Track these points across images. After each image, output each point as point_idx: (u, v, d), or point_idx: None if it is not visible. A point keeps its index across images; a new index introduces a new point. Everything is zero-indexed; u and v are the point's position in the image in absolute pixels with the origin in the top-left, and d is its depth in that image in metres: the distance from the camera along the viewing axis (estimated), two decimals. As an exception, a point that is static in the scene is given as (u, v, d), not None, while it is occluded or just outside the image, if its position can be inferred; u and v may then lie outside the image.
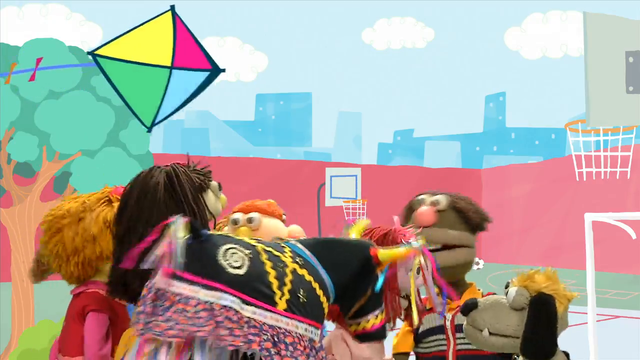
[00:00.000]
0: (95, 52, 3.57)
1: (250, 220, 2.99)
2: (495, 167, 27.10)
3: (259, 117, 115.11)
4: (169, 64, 3.51)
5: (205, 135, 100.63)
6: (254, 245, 2.28)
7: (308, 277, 2.31)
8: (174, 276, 2.12)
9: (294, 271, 2.28)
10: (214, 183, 2.70)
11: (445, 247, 3.26)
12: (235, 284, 2.16)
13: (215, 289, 2.13)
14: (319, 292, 2.32)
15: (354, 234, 2.63)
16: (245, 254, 2.22)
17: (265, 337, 2.12)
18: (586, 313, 5.35)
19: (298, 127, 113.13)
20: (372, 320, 2.46)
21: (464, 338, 3.14)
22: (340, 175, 15.50)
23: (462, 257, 3.27)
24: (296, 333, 2.19)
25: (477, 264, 5.40)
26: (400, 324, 3.20)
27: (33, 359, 4.48)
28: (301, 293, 2.26)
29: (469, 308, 2.66)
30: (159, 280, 2.13)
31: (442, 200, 3.34)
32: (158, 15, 3.53)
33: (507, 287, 2.68)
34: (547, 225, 21.17)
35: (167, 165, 2.64)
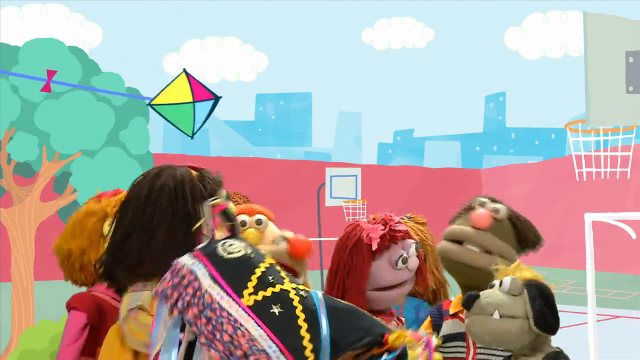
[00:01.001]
0: (152, 104, 5.72)
1: (259, 222, 3.00)
2: (495, 167, 27.10)
3: (259, 117, 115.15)
4: (191, 100, 5.69)
5: (205, 135, 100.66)
6: (268, 258, 2.24)
7: (297, 304, 2.18)
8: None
9: (284, 291, 2.19)
10: (223, 192, 2.70)
11: (487, 253, 3.26)
12: (216, 263, 2.15)
13: (197, 258, 2.14)
14: (303, 325, 2.17)
15: None
16: (248, 250, 2.21)
17: (206, 313, 2.07)
18: (586, 313, 5.35)
19: (298, 127, 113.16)
20: None
21: (484, 348, 3.15)
22: (340, 175, 15.50)
23: (499, 267, 3.27)
24: (249, 334, 2.08)
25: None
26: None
27: (33, 359, 4.47)
28: (277, 307, 2.16)
29: (472, 298, 2.69)
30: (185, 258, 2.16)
31: (502, 210, 3.34)
32: (176, 77, 5.73)
33: (491, 287, 2.74)
34: (547, 225, 21.15)
35: (180, 166, 2.67)
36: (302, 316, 2.17)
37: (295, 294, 2.20)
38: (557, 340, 2.73)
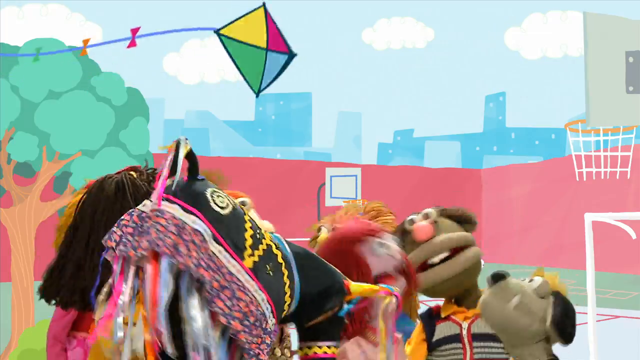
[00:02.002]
0: (220, 32, 4.71)
1: (243, 204, 3.03)
2: (495, 167, 27.10)
3: (259, 117, 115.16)
4: (265, 47, 4.73)
5: (205, 135, 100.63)
6: (242, 209, 2.25)
7: (280, 261, 2.26)
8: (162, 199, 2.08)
9: (269, 246, 2.24)
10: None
11: (453, 252, 3.25)
12: (212, 220, 2.11)
13: (193, 213, 2.08)
14: (286, 281, 2.26)
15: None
16: (232, 202, 2.20)
17: (218, 277, 2.05)
18: (586, 313, 5.35)
19: (298, 127, 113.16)
20: (324, 349, 2.38)
21: (481, 347, 3.14)
22: (340, 175, 15.50)
23: (472, 255, 3.27)
24: (252, 295, 2.11)
25: (477, 263, 5.41)
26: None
27: (33, 359, 4.48)
28: (270, 267, 2.20)
29: (499, 276, 2.64)
30: (148, 204, 2.07)
31: (432, 212, 3.35)
32: (253, 10, 4.77)
33: (523, 279, 2.72)
34: (547, 225, 21.17)
35: (117, 174, 2.67)
36: (285, 273, 2.24)
37: (276, 249, 2.25)
38: (557, 340, 2.73)
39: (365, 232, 2.63)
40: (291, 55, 4.84)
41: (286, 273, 2.25)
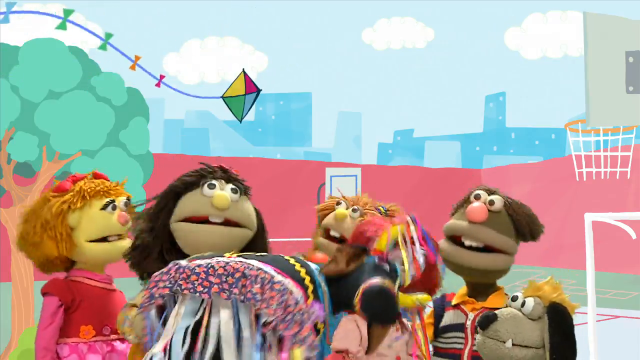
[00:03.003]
0: (224, 97, 7.18)
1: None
2: (495, 167, 27.09)
3: (259, 117, 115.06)
4: (243, 93, 7.08)
5: (205, 135, 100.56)
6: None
7: (303, 275, 2.38)
8: None
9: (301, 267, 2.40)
10: (203, 181, 3.10)
11: (487, 248, 3.22)
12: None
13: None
14: (292, 262, 2.37)
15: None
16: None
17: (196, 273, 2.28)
18: (586, 313, 5.35)
19: (298, 127, 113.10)
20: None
21: None
22: (340, 175, 15.49)
23: (500, 263, 3.23)
24: (247, 266, 2.24)
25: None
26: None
27: (33, 359, 4.47)
28: (257, 254, 2.38)
29: (489, 320, 2.62)
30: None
31: (498, 201, 3.29)
32: (238, 76, 7.20)
33: (514, 299, 2.66)
34: (547, 225, 21.10)
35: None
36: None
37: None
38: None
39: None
40: (258, 91, 7.14)
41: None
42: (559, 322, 2.57)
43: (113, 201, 3.48)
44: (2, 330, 9.10)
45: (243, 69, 7.24)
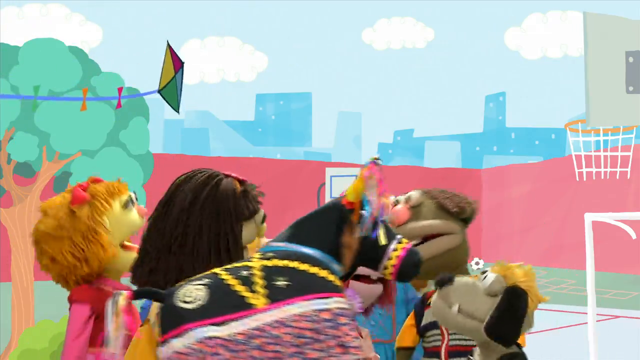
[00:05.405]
0: (160, 90, 6.06)
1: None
2: (495, 167, 27.09)
3: (259, 117, 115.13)
4: (174, 73, 5.98)
5: (205, 135, 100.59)
6: (212, 272, 2.29)
7: (282, 263, 2.29)
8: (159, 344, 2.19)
9: (263, 267, 2.27)
10: (260, 213, 2.70)
11: (426, 239, 3.23)
12: (198, 315, 2.15)
13: (185, 332, 2.14)
14: (305, 266, 2.29)
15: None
16: (199, 286, 2.23)
17: (253, 344, 2.11)
18: (586, 313, 5.35)
19: (298, 127, 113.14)
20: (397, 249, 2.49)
21: (457, 335, 3.14)
22: (340, 175, 15.49)
23: (444, 244, 3.23)
24: (289, 316, 2.15)
25: (478, 263, 5.40)
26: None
27: (33, 359, 4.47)
28: (280, 280, 2.23)
29: (443, 282, 2.61)
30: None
31: (414, 195, 3.32)
32: (165, 56, 6.05)
33: (484, 273, 2.64)
34: (547, 225, 21.17)
35: (226, 176, 2.64)
36: (298, 264, 2.30)
37: (269, 260, 2.31)
38: (557, 340, 2.71)
39: None
40: (182, 64, 6.03)
41: (299, 263, 2.31)
42: (511, 302, 2.53)
43: (130, 197, 3.44)
44: (2, 330, 9.10)
45: (167, 42, 6.11)
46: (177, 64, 5.95)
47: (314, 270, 2.29)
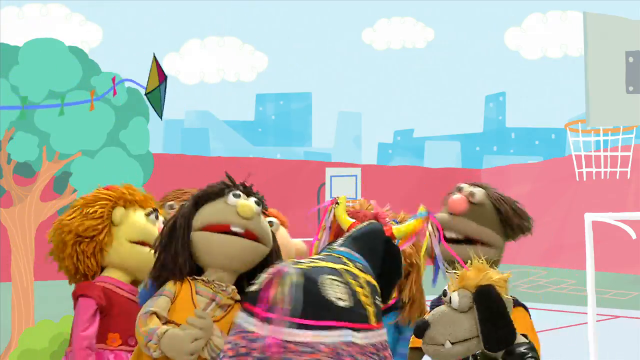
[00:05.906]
0: (147, 93, 6.41)
1: (270, 224, 3.05)
2: (495, 167, 27.09)
3: (259, 117, 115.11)
4: (158, 84, 6.36)
5: (205, 135, 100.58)
6: (336, 269, 2.25)
7: (372, 281, 2.31)
8: (291, 324, 2.09)
9: (367, 282, 2.27)
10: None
11: (468, 240, 3.17)
12: (345, 315, 2.14)
13: (334, 328, 2.12)
14: (378, 289, 2.33)
15: (341, 213, 2.65)
16: (342, 283, 2.21)
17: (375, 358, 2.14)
18: (586, 313, 5.35)
19: (298, 127, 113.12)
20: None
21: None
22: (340, 175, 15.49)
23: (482, 254, 3.21)
24: (384, 341, 2.21)
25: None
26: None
27: (33, 359, 4.47)
28: (377, 299, 2.26)
29: (422, 329, 2.60)
30: (275, 332, 2.08)
31: (478, 193, 3.25)
32: (151, 65, 6.40)
33: (445, 295, 2.64)
34: (547, 225, 21.17)
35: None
36: (376, 283, 2.33)
37: (364, 274, 2.30)
38: (557, 341, 2.71)
39: None
40: (166, 79, 6.45)
41: (376, 282, 2.34)
42: (486, 306, 2.53)
43: (156, 210, 3.45)
44: (2, 330, 9.10)
45: (154, 55, 6.46)
46: (162, 77, 6.42)
47: (379, 291, 2.33)
